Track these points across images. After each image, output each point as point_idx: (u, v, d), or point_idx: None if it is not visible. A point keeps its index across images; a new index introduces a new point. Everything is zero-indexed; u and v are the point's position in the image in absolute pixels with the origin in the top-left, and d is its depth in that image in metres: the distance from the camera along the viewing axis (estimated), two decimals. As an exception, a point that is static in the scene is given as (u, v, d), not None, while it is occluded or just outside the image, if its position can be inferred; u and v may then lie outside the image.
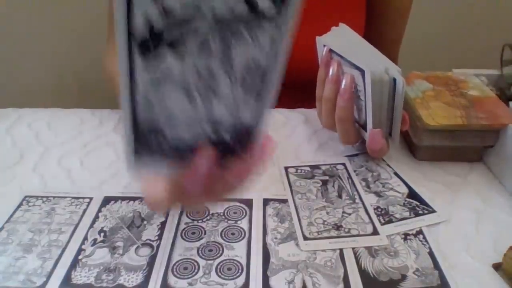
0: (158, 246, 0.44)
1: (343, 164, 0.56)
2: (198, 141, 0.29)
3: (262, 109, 0.28)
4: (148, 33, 0.23)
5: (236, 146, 0.30)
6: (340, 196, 0.51)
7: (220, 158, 0.30)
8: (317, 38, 0.57)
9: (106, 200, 0.50)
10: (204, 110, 0.28)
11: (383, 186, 0.53)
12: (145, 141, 0.28)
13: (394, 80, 0.49)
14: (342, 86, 0.52)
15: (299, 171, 0.55)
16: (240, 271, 0.41)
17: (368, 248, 0.44)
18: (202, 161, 0.29)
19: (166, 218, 0.47)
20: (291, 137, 0.62)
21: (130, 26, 0.23)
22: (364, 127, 0.54)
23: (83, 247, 0.44)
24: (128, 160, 0.29)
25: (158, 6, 0.23)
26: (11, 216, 0.48)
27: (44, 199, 0.50)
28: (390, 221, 0.47)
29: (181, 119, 0.28)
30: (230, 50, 0.25)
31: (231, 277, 0.41)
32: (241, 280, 0.40)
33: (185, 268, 0.41)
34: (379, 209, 0.49)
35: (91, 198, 0.50)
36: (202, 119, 0.28)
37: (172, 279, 0.40)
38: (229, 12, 0.24)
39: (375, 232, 0.46)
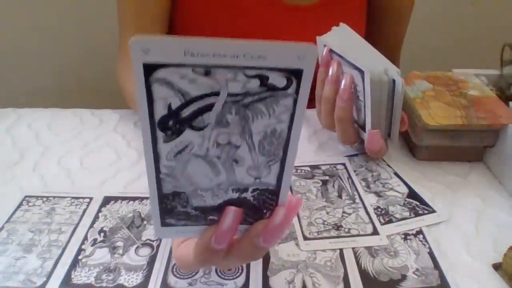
0: (158, 246, 0.44)
1: (343, 164, 0.56)
2: (223, 203, 0.30)
3: (283, 171, 0.29)
4: (166, 111, 0.25)
5: (261, 208, 0.31)
6: (340, 196, 0.51)
7: (246, 219, 0.31)
8: (317, 38, 0.57)
9: (106, 200, 0.50)
10: (226, 177, 0.29)
11: (383, 186, 0.53)
12: (171, 206, 0.30)
13: (394, 81, 0.49)
14: (342, 86, 0.52)
15: (299, 171, 0.55)
16: (240, 271, 0.41)
17: (368, 248, 0.44)
18: (228, 220, 0.30)
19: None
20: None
21: (150, 108, 0.25)
22: (363, 127, 0.54)
23: (83, 247, 0.44)
24: (155, 224, 0.31)
25: (175, 92, 0.24)
26: (11, 216, 0.48)
27: (44, 199, 0.50)
28: (390, 221, 0.47)
29: (204, 186, 0.29)
30: (247, 122, 0.27)
31: (231, 277, 0.41)
32: (241, 280, 0.40)
33: (185, 268, 0.41)
34: (379, 209, 0.49)
35: (91, 198, 0.50)
36: (225, 184, 0.29)
37: (172, 279, 0.40)
38: (242, 88, 0.25)
39: (375, 232, 0.46)
